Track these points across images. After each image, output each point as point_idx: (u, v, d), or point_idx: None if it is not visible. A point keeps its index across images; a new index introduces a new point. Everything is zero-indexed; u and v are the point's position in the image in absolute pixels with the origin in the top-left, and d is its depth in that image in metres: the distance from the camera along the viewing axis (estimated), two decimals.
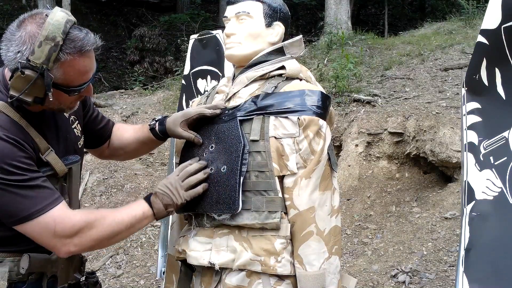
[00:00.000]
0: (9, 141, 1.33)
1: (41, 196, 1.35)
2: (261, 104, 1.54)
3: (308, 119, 1.52)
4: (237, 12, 1.65)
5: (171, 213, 1.55)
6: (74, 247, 1.38)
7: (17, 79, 1.33)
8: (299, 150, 1.51)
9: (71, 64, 1.36)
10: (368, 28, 10.18)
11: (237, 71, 1.70)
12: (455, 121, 4.89)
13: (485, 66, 1.80)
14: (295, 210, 1.50)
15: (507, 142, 1.78)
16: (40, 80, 1.33)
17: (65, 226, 1.35)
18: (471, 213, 1.81)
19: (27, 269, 1.41)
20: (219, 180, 1.53)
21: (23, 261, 1.41)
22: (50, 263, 1.48)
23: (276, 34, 1.67)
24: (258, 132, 1.52)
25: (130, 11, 14.41)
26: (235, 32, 1.65)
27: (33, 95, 1.35)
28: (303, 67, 1.68)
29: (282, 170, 1.52)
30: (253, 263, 1.49)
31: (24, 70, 1.31)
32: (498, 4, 1.70)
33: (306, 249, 1.50)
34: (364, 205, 4.97)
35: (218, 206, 1.52)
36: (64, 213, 1.36)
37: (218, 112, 1.60)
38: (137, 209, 1.49)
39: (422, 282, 3.61)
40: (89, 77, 1.44)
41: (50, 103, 1.39)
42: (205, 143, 1.61)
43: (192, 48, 3.24)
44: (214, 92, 1.76)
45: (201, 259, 1.56)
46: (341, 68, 6.19)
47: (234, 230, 1.54)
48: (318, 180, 1.52)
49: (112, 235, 1.44)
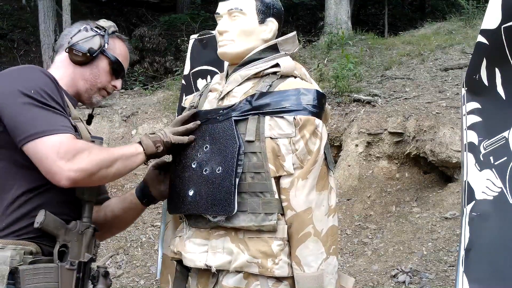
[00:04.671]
0: (52, 80, 1.52)
1: (58, 121, 1.46)
2: (256, 103, 1.52)
3: (304, 119, 1.50)
4: (229, 9, 1.62)
5: (159, 148, 1.58)
6: (75, 172, 1.41)
7: (79, 34, 1.64)
8: (296, 150, 1.50)
9: (121, 43, 1.72)
10: (368, 28, 10.17)
11: (231, 69, 1.67)
12: (455, 121, 4.89)
13: (485, 66, 1.80)
14: (292, 211, 1.49)
15: (507, 142, 1.78)
16: (98, 37, 1.64)
17: (69, 148, 1.42)
18: (471, 213, 1.81)
19: (41, 222, 1.45)
20: (214, 181, 1.50)
21: (39, 215, 1.46)
22: (64, 228, 1.52)
23: (270, 30, 1.65)
24: (253, 133, 1.50)
25: (130, 11, 14.41)
26: (228, 30, 1.62)
27: (89, 45, 1.62)
28: (297, 63, 1.65)
29: (278, 170, 1.50)
30: (250, 265, 1.47)
31: (87, 28, 1.65)
32: (498, 4, 1.70)
33: (304, 250, 1.48)
34: (364, 205, 4.97)
35: (213, 208, 1.49)
36: (71, 139, 1.45)
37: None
38: (130, 146, 1.59)
39: (422, 282, 3.61)
40: (124, 71, 1.72)
41: (93, 67, 1.64)
42: (200, 143, 1.58)
43: (192, 48, 3.24)
44: (207, 91, 1.73)
45: (197, 261, 1.54)
46: (341, 68, 6.19)
47: (231, 232, 1.51)
48: (315, 180, 1.51)
49: (109, 162, 1.49)
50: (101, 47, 1.63)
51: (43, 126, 1.42)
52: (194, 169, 1.56)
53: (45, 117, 1.44)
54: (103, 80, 1.67)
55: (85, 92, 1.67)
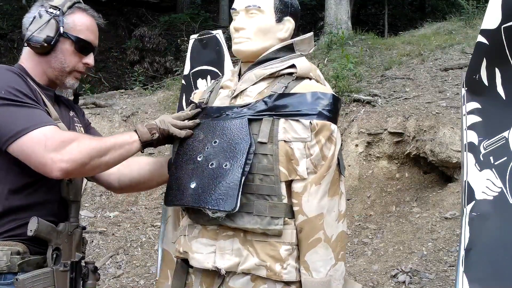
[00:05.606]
0: (19, 75, 1.49)
1: (37, 115, 1.44)
2: (273, 105, 1.49)
3: (321, 124, 1.47)
4: (247, 6, 1.58)
5: (154, 135, 1.56)
6: (66, 163, 1.40)
7: (34, 22, 1.54)
8: (310, 155, 1.47)
9: (81, 16, 1.60)
10: (368, 28, 10.17)
11: (244, 67, 1.63)
12: (455, 121, 4.88)
13: (485, 66, 1.80)
14: (304, 216, 1.47)
15: (507, 142, 1.78)
16: (54, 20, 1.54)
17: (55, 140, 1.41)
18: (471, 213, 1.81)
19: (35, 230, 1.45)
20: (219, 176, 1.47)
21: (32, 223, 1.45)
22: (55, 232, 1.52)
23: (286, 29, 1.61)
24: (266, 135, 1.47)
25: (130, 11, 14.40)
26: (245, 27, 1.58)
27: (45, 34, 1.53)
28: (312, 65, 1.62)
29: (290, 174, 1.48)
30: (259, 268, 1.46)
31: (41, 13, 1.54)
32: (498, 4, 1.70)
33: (314, 256, 1.47)
34: (364, 205, 4.97)
35: (213, 202, 1.45)
36: (55, 131, 1.44)
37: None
38: (124, 134, 1.57)
39: (422, 282, 3.61)
40: (94, 44, 1.63)
41: (57, 53, 1.56)
42: (209, 137, 1.55)
43: (192, 48, 3.24)
44: (219, 87, 1.69)
45: (205, 262, 1.51)
46: (341, 68, 6.19)
47: (239, 233, 1.49)
48: (327, 186, 1.49)
49: (101, 151, 1.46)
50: (57, 31, 1.54)
51: (24, 124, 1.40)
52: (200, 162, 1.53)
53: (22, 114, 1.42)
54: (71, 63, 1.60)
55: (56, 79, 1.61)
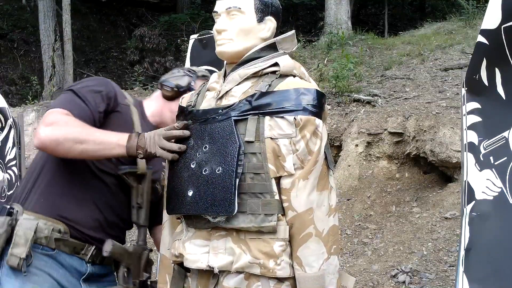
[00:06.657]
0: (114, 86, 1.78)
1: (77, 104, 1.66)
2: (256, 103, 1.51)
3: (305, 119, 1.49)
4: (227, 7, 1.60)
5: (139, 155, 1.60)
6: (45, 136, 1.56)
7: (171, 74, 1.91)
8: (296, 150, 1.49)
9: None
10: (368, 28, 10.16)
11: (229, 68, 1.65)
12: (455, 121, 4.88)
13: (485, 66, 1.80)
14: (293, 211, 1.48)
15: (507, 142, 1.78)
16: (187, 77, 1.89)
17: (54, 117, 1.60)
18: (471, 213, 1.81)
19: (110, 251, 1.66)
20: (214, 181, 1.49)
21: (107, 244, 1.67)
22: (127, 253, 1.74)
23: (268, 29, 1.63)
24: (253, 133, 1.49)
25: (130, 11, 14.41)
26: (226, 28, 1.60)
27: (176, 82, 1.86)
28: (296, 62, 1.63)
29: (278, 171, 1.49)
30: (252, 265, 1.47)
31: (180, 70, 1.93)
32: (498, 4, 1.70)
33: (305, 251, 1.48)
34: (364, 205, 4.97)
35: (213, 208, 1.48)
36: (62, 112, 1.62)
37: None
38: (116, 135, 1.62)
39: (422, 282, 3.61)
40: None
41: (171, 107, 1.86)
42: (199, 143, 1.56)
43: (192, 48, 3.25)
44: (205, 89, 1.71)
45: (198, 262, 1.52)
46: (341, 68, 6.19)
47: (232, 232, 1.50)
48: (315, 180, 1.50)
49: (79, 139, 1.57)
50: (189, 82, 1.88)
51: (58, 104, 1.64)
52: (193, 169, 1.55)
53: (68, 99, 1.66)
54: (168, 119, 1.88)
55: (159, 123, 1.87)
